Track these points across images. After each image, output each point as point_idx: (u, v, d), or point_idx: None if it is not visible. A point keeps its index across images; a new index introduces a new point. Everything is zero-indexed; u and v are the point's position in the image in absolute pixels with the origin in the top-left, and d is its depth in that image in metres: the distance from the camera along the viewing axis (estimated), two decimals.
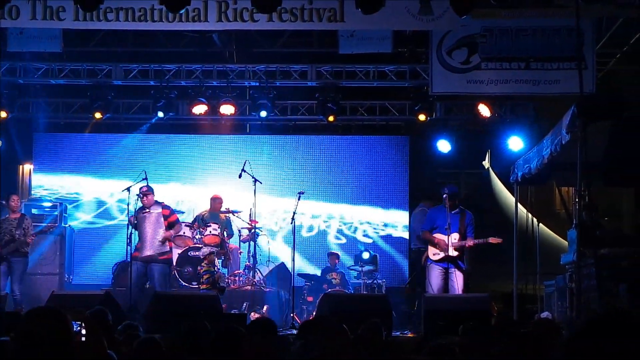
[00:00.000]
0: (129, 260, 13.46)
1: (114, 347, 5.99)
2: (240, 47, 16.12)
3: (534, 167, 13.20)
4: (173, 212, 14.09)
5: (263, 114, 16.12)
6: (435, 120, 16.50)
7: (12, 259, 13.48)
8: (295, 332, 10.94)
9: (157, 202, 13.76)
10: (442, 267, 12.68)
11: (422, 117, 15.97)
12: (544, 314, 12.44)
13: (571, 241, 12.28)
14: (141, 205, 13.61)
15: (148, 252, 13.35)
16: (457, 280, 12.54)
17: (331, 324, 5.12)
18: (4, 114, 16.16)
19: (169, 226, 13.78)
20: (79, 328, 4.58)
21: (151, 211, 13.50)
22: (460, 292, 12.50)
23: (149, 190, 13.62)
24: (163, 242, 13.54)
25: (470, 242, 12.75)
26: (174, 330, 6.61)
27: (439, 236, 12.73)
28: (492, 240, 12.80)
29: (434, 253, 12.75)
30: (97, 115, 16.15)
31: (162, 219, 13.57)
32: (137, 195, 13.64)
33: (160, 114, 16.26)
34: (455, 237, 12.65)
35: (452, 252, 12.60)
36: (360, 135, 17.91)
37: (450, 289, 12.55)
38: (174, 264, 14.72)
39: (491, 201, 16.94)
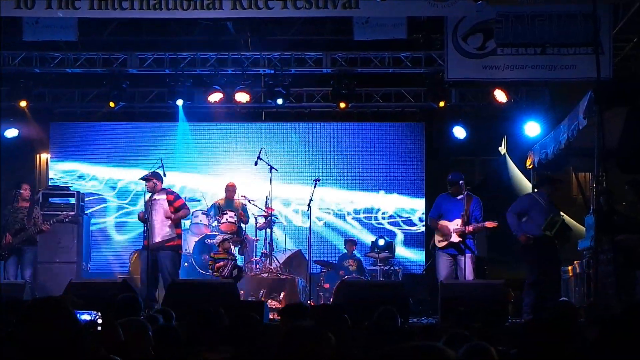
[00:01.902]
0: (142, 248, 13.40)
1: None
2: (254, 34, 16.10)
3: (551, 152, 13.16)
4: (178, 197, 13.78)
5: (279, 101, 16.10)
6: (451, 106, 16.47)
7: (22, 248, 13.51)
8: None
9: (162, 189, 13.44)
10: (449, 254, 12.60)
11: (441, 104, 15.94)
12: (562, 300, 12.41)
13: (588, 227, 12.25)
14: (148, 192, 13.44)
15: (156, 239, 13.01)
16: (466, 265, 12.44)
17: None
18: (23, 103, 16.24)
19: (175, 211, 13.53)
20: (96, 317, 4.60)
21: (157, 198, 13.23)
22: (470, 277, 12.40)
23: (152, 176, 13.37)
24: (165, 221, 13.30)
25: (470, 227, 12.61)
26: (192, 317, 6.62)
27: (443, 223, 12.65)
28: (487, 224, 12.63)
29: (439, 240, 12.68)
30: (112, 104, 16.19)
31: (167, 204, 13.33)
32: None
33: (180, 102, 16.27)
34: (457, 222, 12.54)
35: (455, 238, 12.50)
36: (376, 122, 17.90)
37: (459, 274, 12.46)
38: (191, 251, 14.76)
39: (508, 187, 16.87)
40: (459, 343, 4.15)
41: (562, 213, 12.89)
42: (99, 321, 4.53)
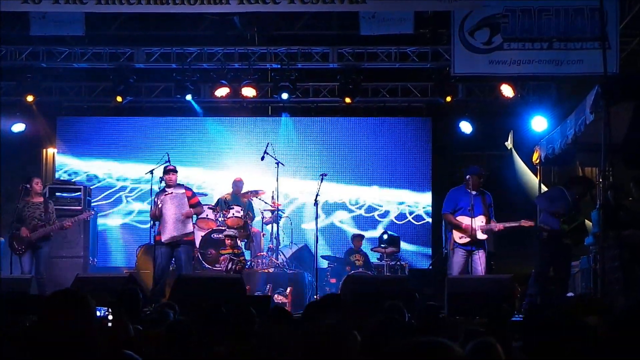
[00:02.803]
0: (152, 243, 13.39)
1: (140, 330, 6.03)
2: (261, 29, 16.09)
3: (558, 147, 13.14)
4: (195, 194, 13.94)
5: (285, 96, 16.10)
6: (458, 101, 16.45)
7: (38, 243, 13.54)
8: None
9: (179, 184, 13.59)
10: (466, 250, 12.57)
11: (448, 99, 15.95)
12: (569, 295, 12.42)
13: (595, 222, 12.24)
14: (164, 185, 13.40)
15: (173, 233, 13.07)
16: (480, 261, 12.45)
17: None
18: (30, 98, 16.24)
19: (191, 207, 13.57)
20: (106, 313, 4.62)
21: (174, 192, 13.30)
22: (483, 273, 12.43)
23: (175, 170, 13.50)
24: (185, 218, 13.32)
25: (500, 226, 12.58)
26: (198, 312, 6.65)
27: (464, 219, 12.57)
28: (524, 223, 12.61)
29: (460, 237, 12.58)
30: (119, 98, 16.21)
31: (186, 200, 13.40)
32: (162, 175, 13.47)
33: (189, 97, 16.28)
34: (481, 219, 12.51)
35: (481, 236, 12.48)
36: (382, 117, 17.88)
37: (474, 271, 12.47)
38: (197, 246, 14.78)
39: (514, 182, 16.85)
40: (470, 340, 4.15)
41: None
42: (109, 317, 4.55)
